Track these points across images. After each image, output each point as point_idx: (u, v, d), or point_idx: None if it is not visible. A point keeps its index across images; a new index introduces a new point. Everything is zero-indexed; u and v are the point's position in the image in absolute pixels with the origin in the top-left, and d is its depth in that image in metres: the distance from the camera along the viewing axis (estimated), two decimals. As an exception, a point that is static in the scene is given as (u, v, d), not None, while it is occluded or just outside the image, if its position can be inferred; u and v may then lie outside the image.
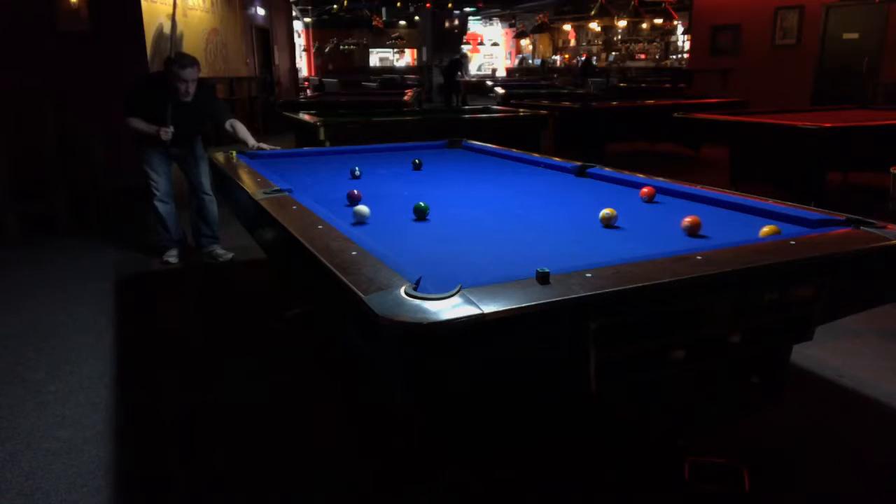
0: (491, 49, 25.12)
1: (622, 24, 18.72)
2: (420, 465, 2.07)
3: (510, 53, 25.50)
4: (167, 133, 3.83)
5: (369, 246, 1.56)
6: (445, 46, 17.72)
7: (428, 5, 17.36)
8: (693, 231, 1.84)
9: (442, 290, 1.22)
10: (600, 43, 21.04)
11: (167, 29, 8.55)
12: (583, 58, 19.86)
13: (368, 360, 1.49)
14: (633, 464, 1.93)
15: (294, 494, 1.96)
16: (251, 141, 3.81)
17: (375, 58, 23.75)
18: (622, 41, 20.26)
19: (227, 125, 3.98)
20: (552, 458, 1.92)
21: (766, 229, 1.78)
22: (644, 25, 18.86)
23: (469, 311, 1.15)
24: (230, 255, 4.25)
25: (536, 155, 3.37)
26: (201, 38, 9.83)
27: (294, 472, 2.06)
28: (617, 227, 1.93)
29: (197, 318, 3.37)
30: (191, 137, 4.06)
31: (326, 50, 22.89)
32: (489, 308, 1.16)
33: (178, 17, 8.77)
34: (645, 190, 2.31)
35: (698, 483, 1.79)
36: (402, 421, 2.26)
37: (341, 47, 23.13)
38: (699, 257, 1.44)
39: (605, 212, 1.94)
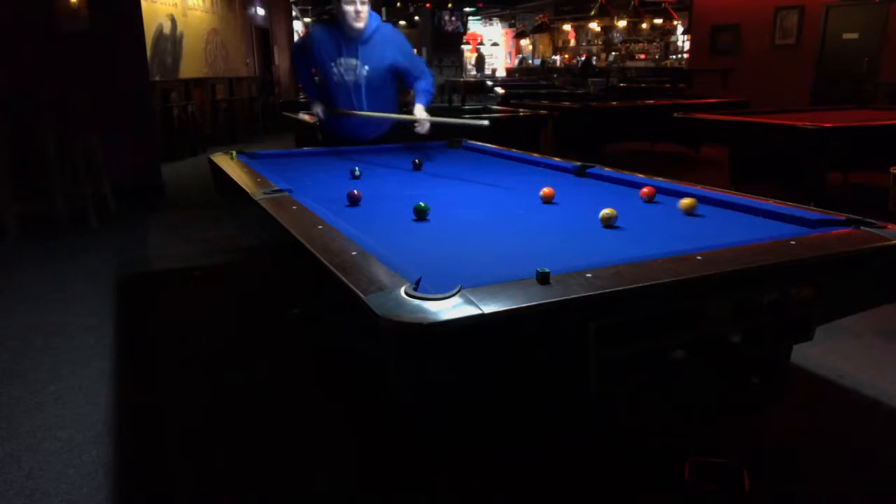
0: (491, 49, 25.10)
1: (622, 24, 18.73)
2: (419, 465, 2.07)
3: (510, 53, 25.49)
4: None
5: (369, 246, 1.56)
6: (445, 46, 17.69)
7: (428, 5, 17.33)
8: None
9: (442, 291, 1.22)
10: (600, 43, 21.03)
11: (167, 29, 8.56)
12: (583, 58, 19.85)
13: (368, 360, 1.49)
14: (633, 464, 1.93)
15: (294, 494, 1.96)
16: None
17: (375, 58, 23.72)
18: (622, 41, 20.26)
19: None
20: (552, 458, 1.92)
21: (685, 202, 1.99)
22: (644, 25, 18.86)
23: (469, 311, 1.15)
24: None
25: (536, 155, 3.37)
26: (201, 38, 9.84)
27: (294, 472, 2.06)
28: (617, 227, 1.93)
29: (197, 318, 3.37)
30: None
31: (326, 50, 22.84)
32: (489, 308, 1.16)
33: (178, 17, 8.81)
34: (645, 190, 2.31)
35: (698, 483, 1.79)
36: (402, 421, 2.26)
37: (341, 47, 23.09)
38: (699, 257, 1.44)
39: (605, 212, 1.94)
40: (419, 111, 3.38)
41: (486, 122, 2.95)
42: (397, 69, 3.45)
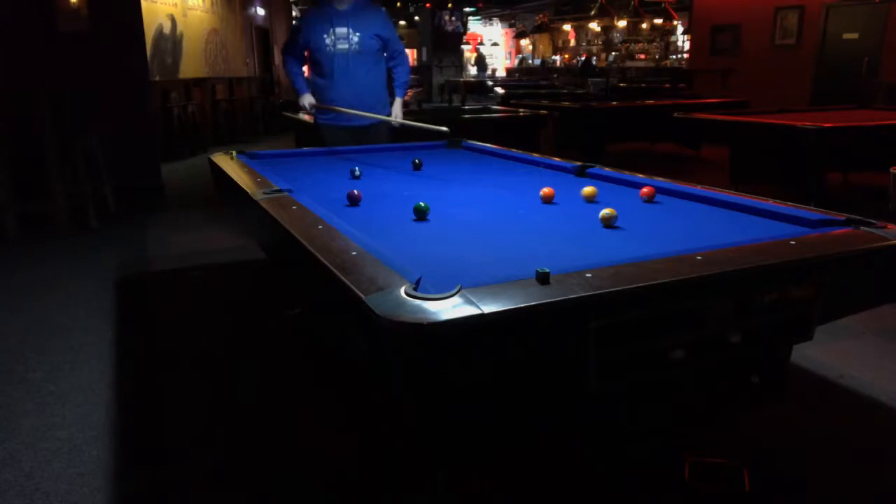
0: (491, 49, 25.09)
1: (622, 24, 18.73)
2: (419, 466, 2.07)
3: (510, 53, 25.48)
4: None
5: (369, 246, 1.56)
6: (445, 46, 17.70)
7: (428, 5, 17.34)
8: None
9: (442, 290, 1.22)
10: (600, 43, 21.03)
11: (167, 29, 8.56)
12: (583, 58, 19.86)
13: (368, 360, 1.49)
14: (633, 464, 1.93)
15: (294, 495, 1.96)
16: None
17: (375, 58, 23.68)
18: (622, 41, 20.26)
19: None
20: (551, 459, 1.92)
21: (587, 189, 2.20)
22: (644, 25, 18.86)
23: (469, 311, 1.15)
24: None
25: (536, 155, 3.37)
26: (201, 38, 9.83)
27: (294, 472, 2.06)
28: (617, 227, 1.93)
29: (197, 318, 3.37)
30: None
31: (326, 50, 22.81)
32: (489, 308, 1.16)
33: (178, 17, 8.81)
34: (645, 190, 2.31)
35: (698, 483, 1.79)
36: (402, 421, 2.26)
37: (341, 47, 23.08)
38: (699, 257, 1.44)
39: (605, 212, 1.94)
40: (397, 106, 3.88)
41: (445, 129, 3.23)
42: (381, 38, 3.80)
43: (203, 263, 4.21)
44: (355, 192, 2.28)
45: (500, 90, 13.45)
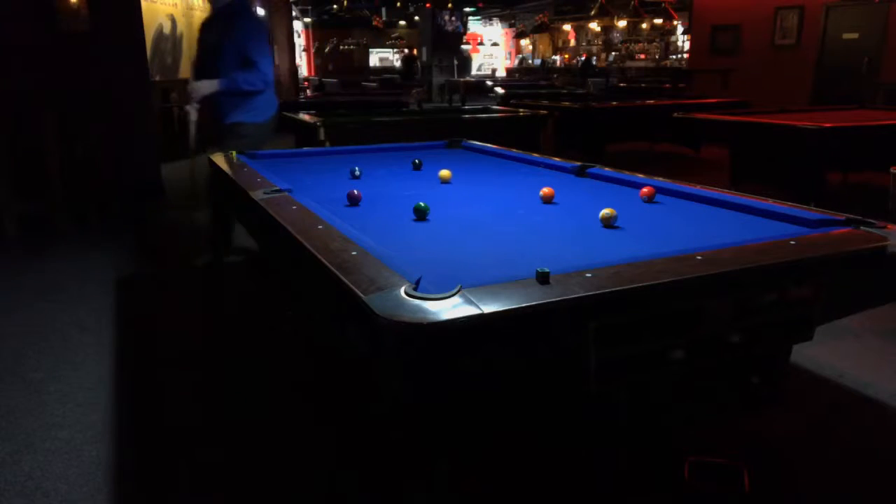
0: (491, 49, 25.10)
1: (622, 24, 18.73)
2: (418, 466, 2.07)
3: (510, 53, 25.48)
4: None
5: (369, 246, 1.56)
6: (446, 47, 17.69)
7: (428, 5, 17.34)
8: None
9: (442, 290, 1.22)
10: (600, 43, 21.02)
11: (167, 29, 8.56)
12: (583, 58, 19.86)
13: (368, 360, 1.49)
14: (633, 464, 1.93)
15: (293, 494, 1.96)
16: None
17: (375, 58, 23.72)
18: (622, 41, 20.25)
19: None
20: (551, 458, 1.92)
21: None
22: (644, 25, 18.86)
23: (469, 311, 1.15)
24: None
25: (536, 155, 3.37)
26: (201, 38, 9.82)
27: (293, 471, 2.06)
28: (617, 227, 1.93)
29: (197, 319, 3.37)
30: None
31: (326, 50, 22.88)
32: (489, 308, 1.16)
33: (178, 18, 8.80)
34: (645, 190, 2.31)
35: (698, 483, 1.79)
36: (401, 421, 2.26)
37: (341, 47, 23.14)
38: (699, 257, 1.44)
39: (605, 212, 1.94)
40: (205, 83, 3.83)
41: (213, 83, 3.73)
42: (233, 43, 3.79)
43: (203, 263, 4.21)
44: (355, 192, 2.28)
45: (500, 90, 13.44)
